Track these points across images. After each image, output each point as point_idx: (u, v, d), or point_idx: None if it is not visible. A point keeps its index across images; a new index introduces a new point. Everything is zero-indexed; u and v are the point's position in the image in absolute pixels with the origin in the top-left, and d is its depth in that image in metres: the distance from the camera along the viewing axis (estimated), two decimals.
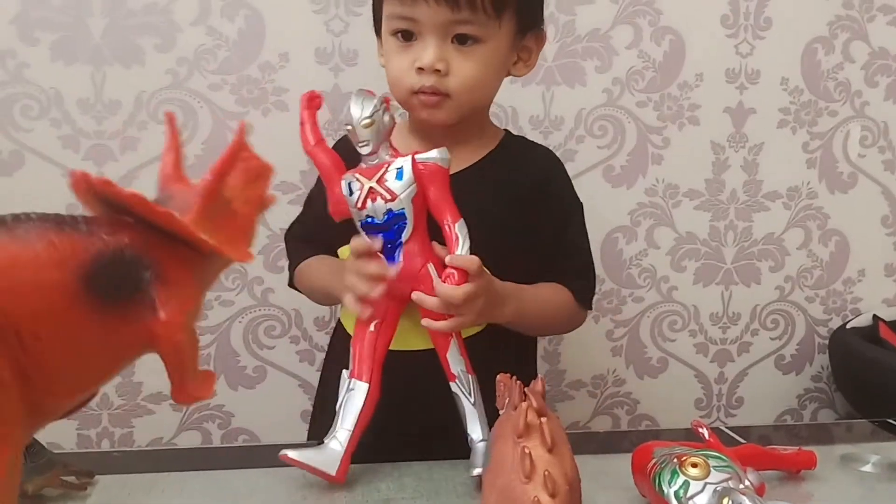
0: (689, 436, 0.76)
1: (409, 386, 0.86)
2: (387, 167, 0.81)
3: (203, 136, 1.36)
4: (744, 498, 0.61)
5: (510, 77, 0.97)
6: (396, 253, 0.82)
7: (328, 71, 1.38)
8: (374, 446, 0.82)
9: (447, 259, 0.80)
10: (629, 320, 1.56)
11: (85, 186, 0.38)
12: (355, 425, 0.81)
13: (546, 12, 1.01)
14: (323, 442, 0.81)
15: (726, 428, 1.01)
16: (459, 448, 0.83)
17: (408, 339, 0.87)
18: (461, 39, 0.87)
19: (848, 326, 1.57)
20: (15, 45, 1.30)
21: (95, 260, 0.36)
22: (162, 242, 0.38)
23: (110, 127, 1.34)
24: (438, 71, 0.86)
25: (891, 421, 1.04)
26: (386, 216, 0.80)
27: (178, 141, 0.44)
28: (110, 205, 0.37)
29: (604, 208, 1.50)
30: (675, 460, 0.67)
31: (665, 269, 1.56)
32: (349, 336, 0.88)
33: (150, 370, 1.40)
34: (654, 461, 0.70)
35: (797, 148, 1.57)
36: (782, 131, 1.55)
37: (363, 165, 0.82)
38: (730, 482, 0.64)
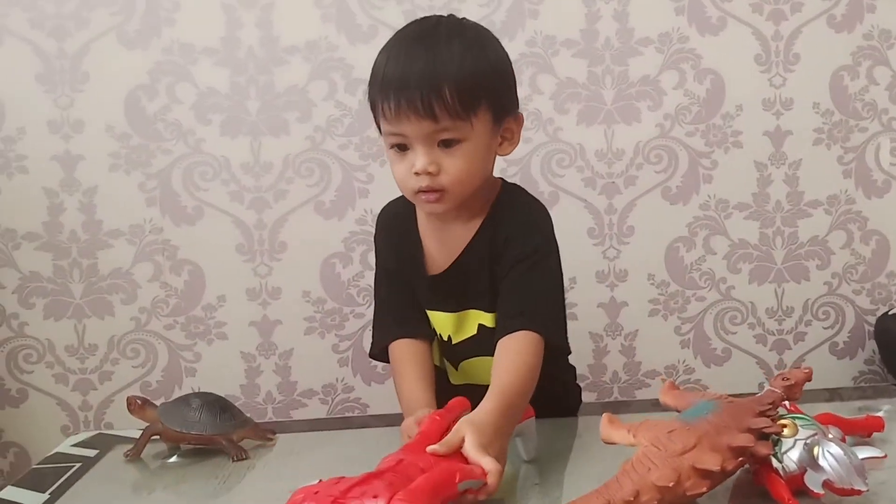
0: None
1: None
2: None
3: (336, 184, 1.75)
4: (831, 443, 0.68)
5: (576, 116, 1.35)
6: None
7: None
8: None
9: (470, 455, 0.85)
10: (694, 317, 1.83)
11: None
12: None
13: (601, 66, 1.36)
14: None
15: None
16: None
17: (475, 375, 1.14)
18: (446, 143, 1.01)
19: (891, 313, 1.78)
20: (194, 126, 1.72)
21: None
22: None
23: (265, 183, 1.74)
24: (431, 173, 1.01)
25: None
26: None
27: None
28: None
29: (664, 223, 1.80)
30: None
31: (722, 271, 1.82)
32: None
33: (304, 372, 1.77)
34: None
35: (833, 161, 1.81)
36: (818, 148, 1.80)
37: None
38: (817, 436, 0.72)
